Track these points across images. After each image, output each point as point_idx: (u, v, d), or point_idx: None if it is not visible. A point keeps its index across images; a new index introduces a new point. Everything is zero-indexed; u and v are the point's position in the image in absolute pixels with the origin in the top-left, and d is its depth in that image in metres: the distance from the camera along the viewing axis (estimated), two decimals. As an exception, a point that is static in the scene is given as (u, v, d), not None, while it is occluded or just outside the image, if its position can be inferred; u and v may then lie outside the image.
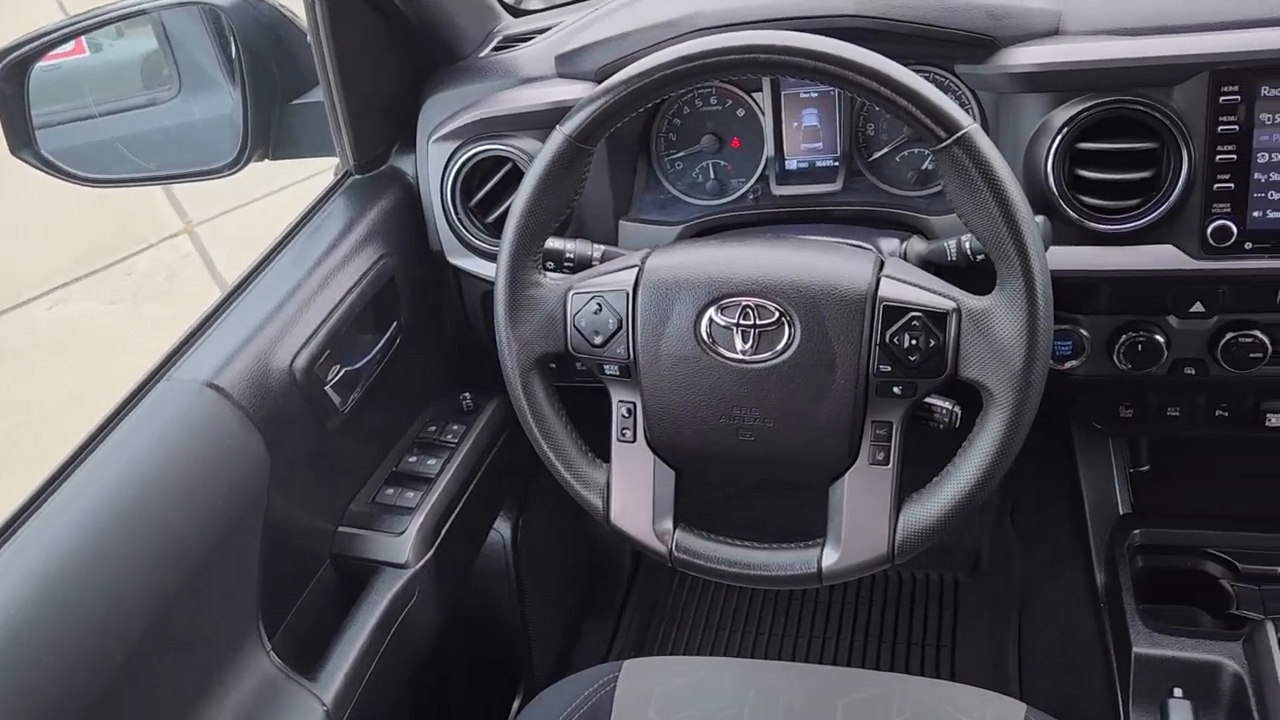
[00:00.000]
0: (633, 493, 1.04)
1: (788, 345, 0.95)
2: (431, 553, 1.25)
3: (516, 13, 1.54)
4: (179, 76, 1.48)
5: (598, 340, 1.01)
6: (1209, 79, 1.00)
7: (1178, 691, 1.15)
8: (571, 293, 1.02)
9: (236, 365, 1.06)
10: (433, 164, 1.30)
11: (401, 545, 1.23)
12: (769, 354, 0.95)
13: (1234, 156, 1.01)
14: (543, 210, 1.01)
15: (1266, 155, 1.00)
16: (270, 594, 1.09)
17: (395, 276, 1.29)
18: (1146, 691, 1.19)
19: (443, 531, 1.28)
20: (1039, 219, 0.97)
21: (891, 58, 0.90)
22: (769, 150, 1.27)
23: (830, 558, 0.98)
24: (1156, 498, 1.51)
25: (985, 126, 1.17)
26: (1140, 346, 1.15)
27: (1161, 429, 1.29)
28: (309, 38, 1.21)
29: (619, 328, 1.00)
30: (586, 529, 1.88)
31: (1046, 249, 0.99)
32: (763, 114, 1.27)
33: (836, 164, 1.26)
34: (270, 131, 1.39)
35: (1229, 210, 1.03)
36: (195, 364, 1.06)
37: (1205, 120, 1.01)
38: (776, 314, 0.95)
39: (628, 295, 1.00)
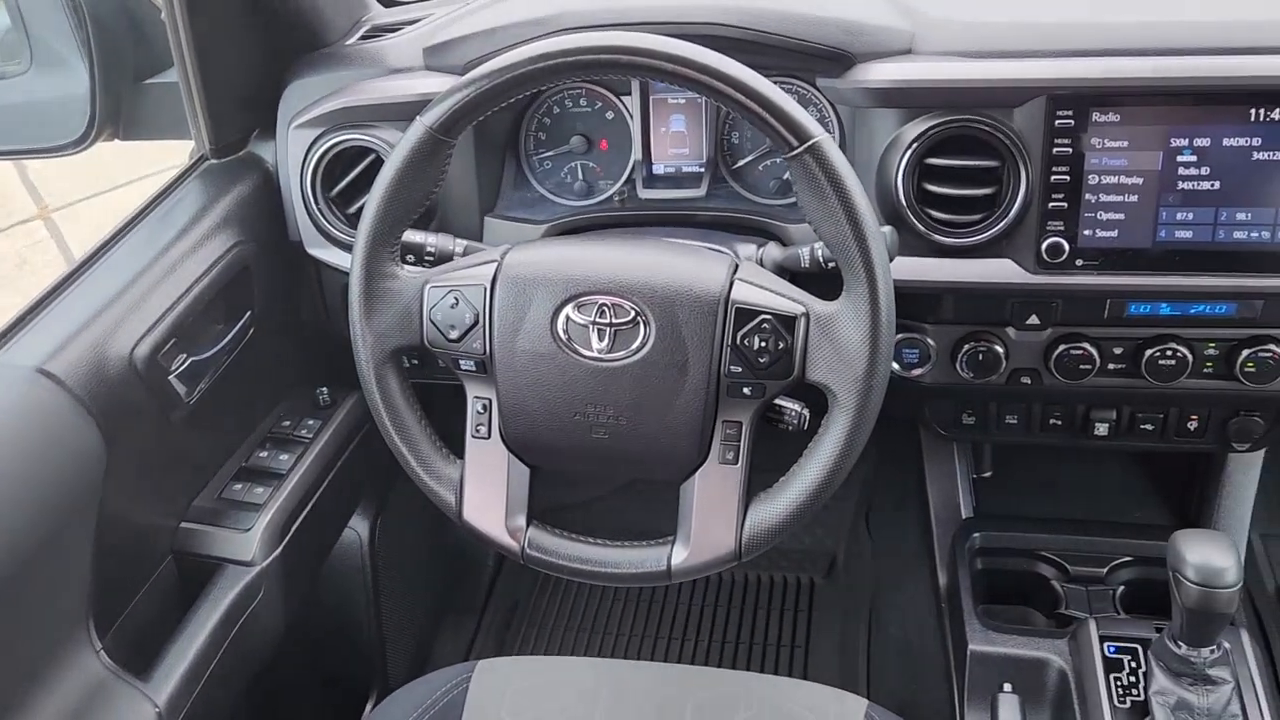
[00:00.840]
0: (486, 489, 1.03)
1: (642, 344, 0.96)
2: (279, 550, 1.22)
3: (388, 2, 1.52)
4: (30, 51, 1.41)
5: (454, 335, 1.00)
6: (1046, 103, 1.05)
7: (1007, 686, 1.20)
8: (428, 286, 1.01)
9: (71, 351, 1.01)
10: (292, 151, 1.27)
11: (247, 542, 1.19)
12: (624, 353, 0.96)
13: (1067, 177, 1.07)
14: (400, 201, 1.00)
15: (1096, 177, 1.06)
16: (103, 591, 1.04)
17: (250, 265, 1.25)
18: (980, 687, 1.24)
19: (292, 529, 1.25)
20: (886, 230, 1.01)
21: (755, 68, 0.92)
22: (636, 154, 1.28)
23: (679, 555, 1.00)
24: (998, 502, 1.59)
25: (843, 139, 1.21)
26: (981, 356, 1.21)
27: (1000, 436, 1.35)
28: (163, 14, 1.17)
29: (475, 323, 0.99)
30: (449, 528, 1.86)
31: (893, 259, 1.03)
32: (631, 118, 1.28)
33: (702, 170, 1.28)
34: (120, 110, 1.34)
35: (1062, 228, 1.08)
36: (26, 349, 1.01)
37: (1042, 142, 1.06)
38: (632, 313, 0.96)
39: (485, 290, 0.99)
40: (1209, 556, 1.02)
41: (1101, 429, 1.30)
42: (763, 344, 0.94)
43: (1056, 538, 1.43)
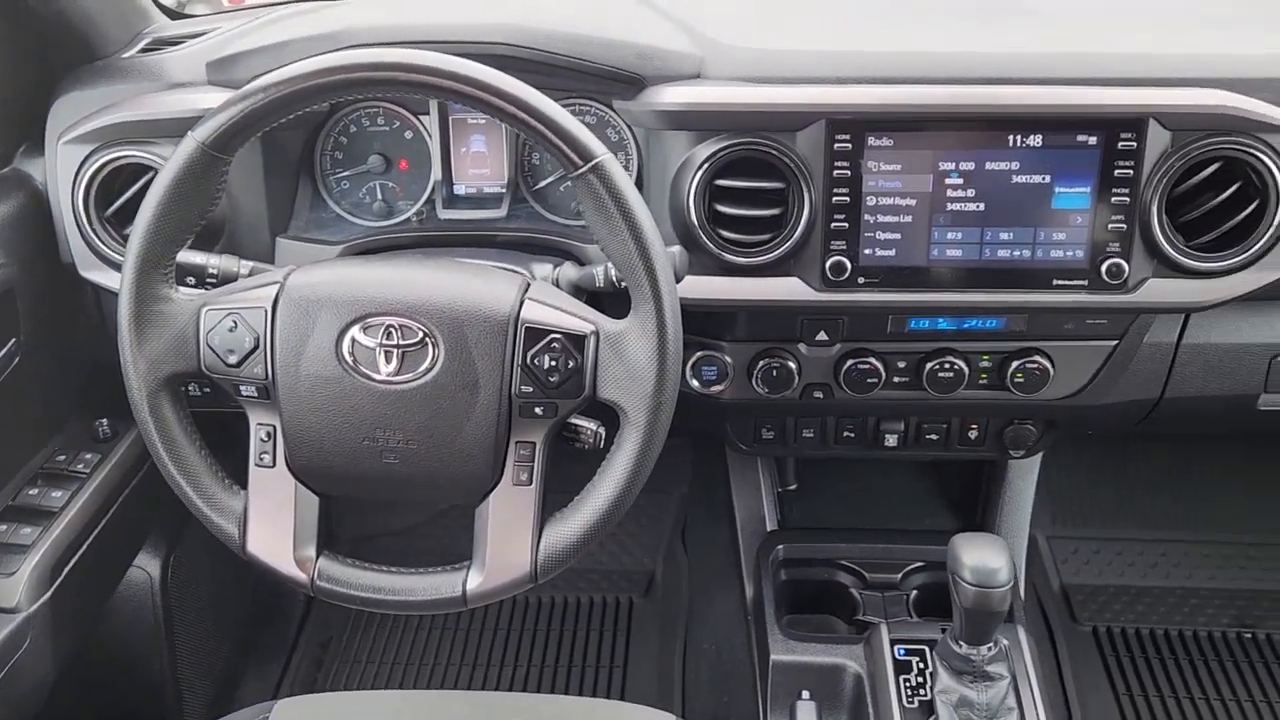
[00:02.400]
0: (272, 520, 0.99)
1: (431, 366, 0.94)
2: (49, 595, 1.13)
3: (175, 15, 1.46)
4: None
5: (233, 360, 0.96)
6: (825, 127, 1.09)
7: (805, 694, 1.23)
8: (205, 309, 0.96)
9: None
10: (62, 168, 1.19)
11: (11, 587, 1.10)
12: (413, 375, 0.94)
13: (847, 199, 1.11)
14: (172, 221, 0.95)
15: (874, 199, 1.12)
16: None
17: (15, 289, 1.17)
18: (781, 696, 1.27)
19: (65, 570, 1.16)
20: (675, 249, 1.03)
21: (550, 90, 0.92)
22: (436, 174, 1.27)
23: (475, 580, 0.98)
24: (803, 514, 1.64)
25: (641, 161, 1.23)
26: (775, 372, 1.24)
27: (799, 449, 1.40)
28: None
29: (256, 347, 0.95)
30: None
31: (682, 278, 1.05)
32: (430, 137, 1.27)
33: (503, 191, 1.28)
34: None
35: (844, 247, 1.13)
36: None
37: (823, 164, 1.11)
38: (421, 334, 0.94)
39: (266, 313, 0.95)
40: (983, 559, 1.07)
41: (891, 440, 1.36)
42: (553, 363, 0.94)
43: (855, 546, 1.48)
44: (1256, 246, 1.08)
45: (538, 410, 0.96)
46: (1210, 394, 1.27)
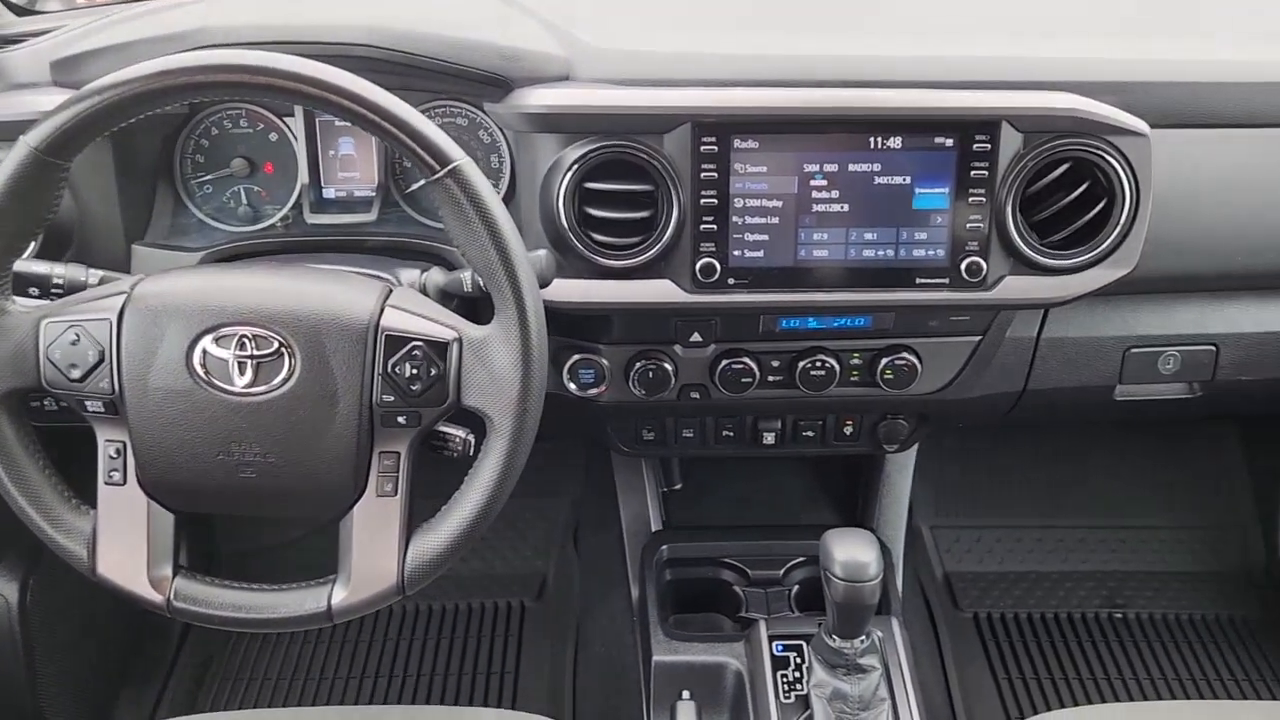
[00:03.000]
0: (123, 540, 0.95)
1: (288, 377, 0.92)
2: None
3: (22, 11, 1.39)
4: None
5: (76, 374, 0.92)
6: (692, 130, 1.10)
7: (686, 694, 1.24)
8: (45, 321, 0.92)
9: None
10: None
11: None
12: (268, 386, 0.92)
13: (715, 201, 1.12)
14: (6, 230, 0.90)
15: (741, 201, 1.12)
16: None
17: None
18: (664, 697, 1.27)
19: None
20: (540, 253, 1.02)
21: (419, 92, 0.90)
22: (303, 178, 1.24)
23: (340, 595, 0.96)
24: (688, 513, 1.65)
25: (513, 164, 1.21)
26: (651, 374, 1.24)
27: (680, 449, 1.41)
28: None
29: (101, 360, 0.91)
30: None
31: (549, 282, 1.04)
32: (296, 140, 1.23)
33: (373, 194, 1.25)
34: None
35: (714, 249, 1.13)
36: None
37: (691, 167, 1.11)
38: (276, 344, 0.92)
39: (111, 324, 0.92)
40: (853, 554, 1.09)
41: (769, 438, 1.38)
42: (415, 371, 0.92)
43: (738, 544, 1.49)
44: (1105, 244, 1.12)
45: (400, 419, 0.94)
46: (1069, 385, 1.31)
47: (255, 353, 0.91)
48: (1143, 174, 1.10)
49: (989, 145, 1.10)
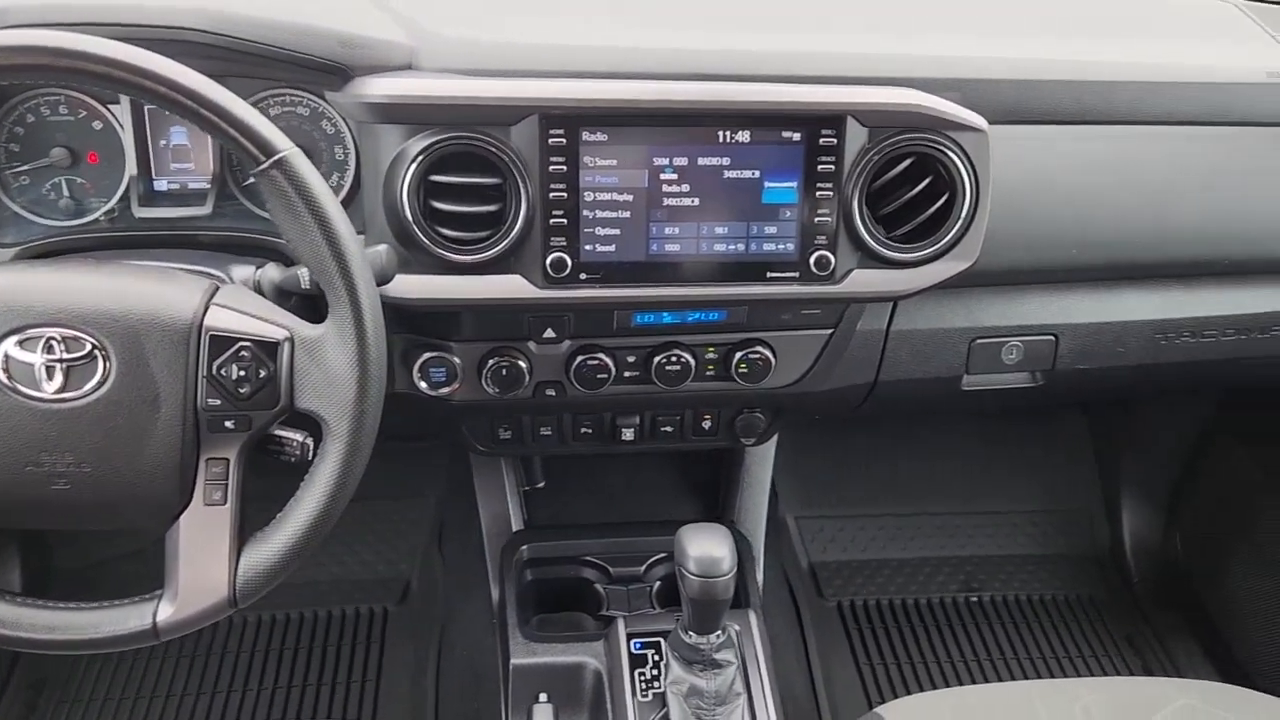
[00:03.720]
0: None
1: (103, 381, 0.86)
2: None
3: None
4: None
5: None
6: (539, 121, 1.08)
7: (543, 696, 1.22)
8: None
9: None
10: None
11: None
12: (81, 392, 0.86)
13: (565, 194, 1.10)
14: None
15: (591, 195, 1.10)
16: None
17: None
18: (521, 700, 1.25)
19: None
20: (380, 248, 0.98)
21: (257, 80, 0.85)
22: (131, 169, 1.17)
23: (166, 610, 0.91)
24: (550, 512, 1.62)
25: (358, 156, 1.17)
26: (505, 371, 1.22)
27: (538, 448, 1.38)
28: None
29: None
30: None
31: (390, 277, 1.00)
32: (122, 129, 1.16)
33: (208, 186, 1.19)
34: None
35: (564, 244, 1.11)
36: None
37: (539, 160, 1.09)
38: (89, 347, 0.86)
39: None
40: (706, 549, 1.09)
41: (628, 434, 1.36)
42: (242, 373, 0.88)
43: (600, 541, 1.48)
44: (947, 238, 1.14)
45: (228, 424, 0.89)
46: (919, 376, 1.34)
47: (65, 356, 0.85)
48: (982, 169, 1.12)
49: (835, 140, 1.11)
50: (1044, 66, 1.22)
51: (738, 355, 1.25)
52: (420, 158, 1.07)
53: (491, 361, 1.22)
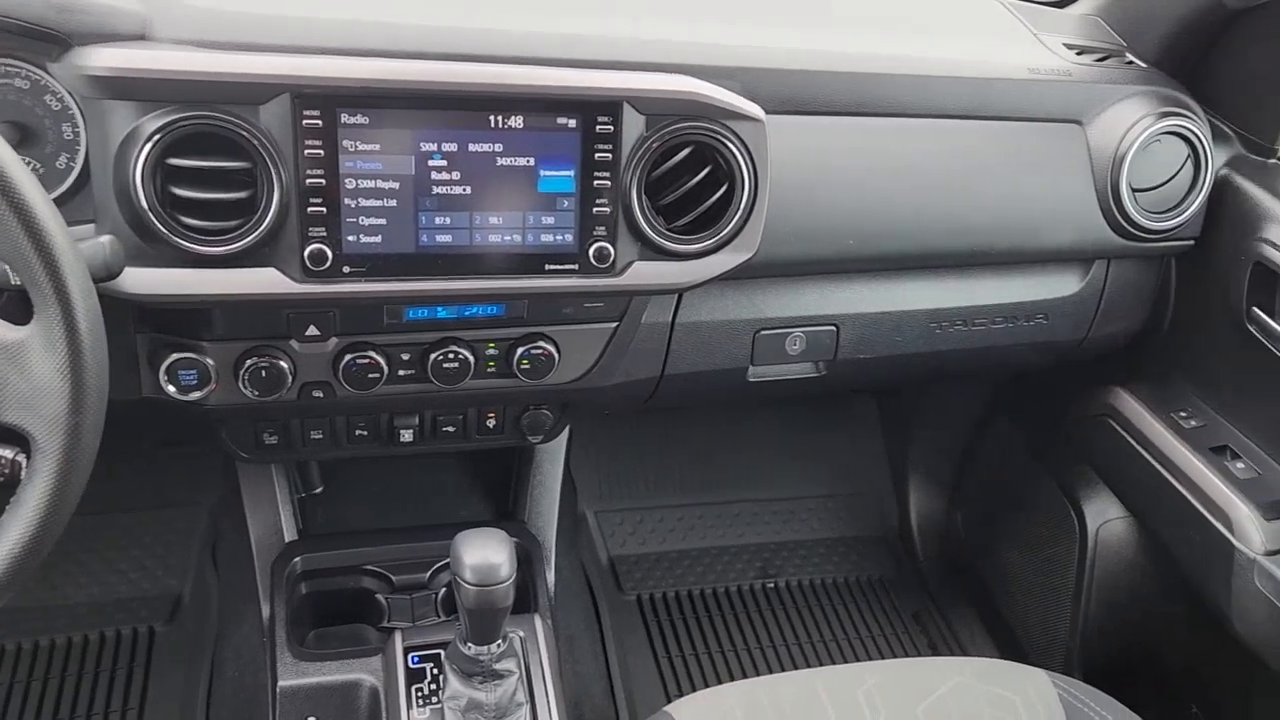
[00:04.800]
0: None
1: None
2: None
3: None
4: None
5: None
6: (291, 101, 0.99)
7: (312, 719, 1.14)
8: None
9: None
10: None
11: None
12: None
13: (323, 181, 1.01)
14: None
15: (353, 181, 1.03)
16: None
17: None
18: None
19: None
20: (104, 239, 0.88)
21: None
22: None
23: None
24: (330, 518, 1.53)
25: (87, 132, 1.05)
26: (265, 372, 1.12)
27: (309, 452, 1.29)
28: None
29: None
30: None
31: (117, 272, 0.90)
32: None
33: None
34: None
35: (324, 234, 1.03)
36: None
37: (293, 142, 1.00)
38: None
39: None
40: (483, 556, 1.03)
41: (407, 435, 1.29)
42: None
43: (381, 548, 1.40)
44: (727, 229, 1.12)
45: (-84, 442, 0.77)
46: (705, 369, 1.32)
47: None
48: (760, 159, 1.11)
49: (611, 127, 1.07)
50: (821, 58, 1.22)
51: (519, 351, 1.20)
52: (155, 138, 0.97)
53: (249, 362, 1.12)
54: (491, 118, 1.05)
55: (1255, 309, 1.29)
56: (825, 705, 1.12)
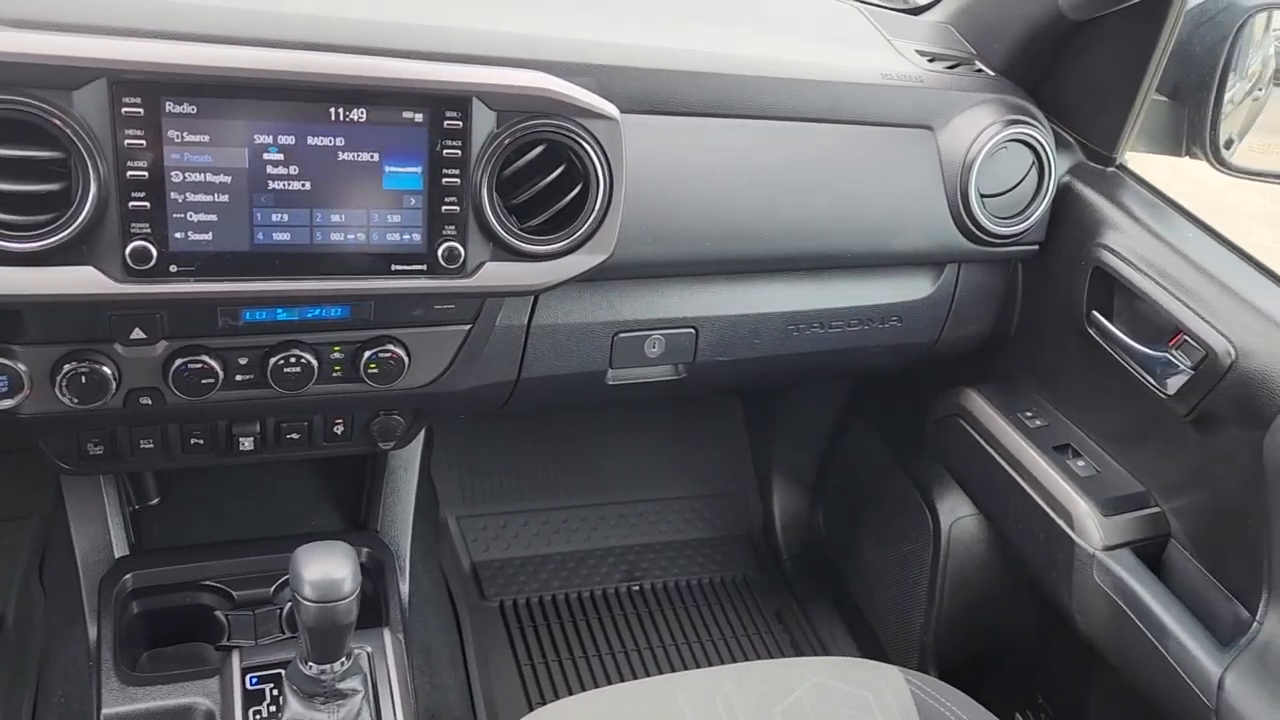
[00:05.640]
0: None
1: None
2: None
3: None
4: None
5: None
6: (109, 88, 0.92)
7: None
8: None
9: None
10: None
11: None
12: None
13: (146, 174, 0.95)
14: None
15: (180, 175, 0.96)
16: None
17: None
18: None
19: None
20: None
21: None
22: None
23: None
24: (168, 531, 1.44)
25: None
26: (85, 378, 1.05)
27: (139, 463, 1.21)
28: None
29: None
30: None
31: None
32: None
33: None
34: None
35: (148, 231, 0.96)
36: None
37: (112, 132, 0.93)
38: None
39: None
40: (324, 570, 0.98)
41: (247, 443, 1.22)
42: None
43: (224, 562, 1.33)
44: (582, 230, 1.10)
45: None
46: (563, 372, 1.30)
47: None
48: (615, 158, 1.09)
49: (461, 123, 1.03)
50: (678, 57, 1.21)
51: (367, 354, 1.15)
52: None
53: (67, 367, 1.04)
54: (332, 110, 1.00)
55: (1094, 312, 1.34)
56: (684, 711, 1.11)
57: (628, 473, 2.11)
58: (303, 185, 1.01)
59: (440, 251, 1.06)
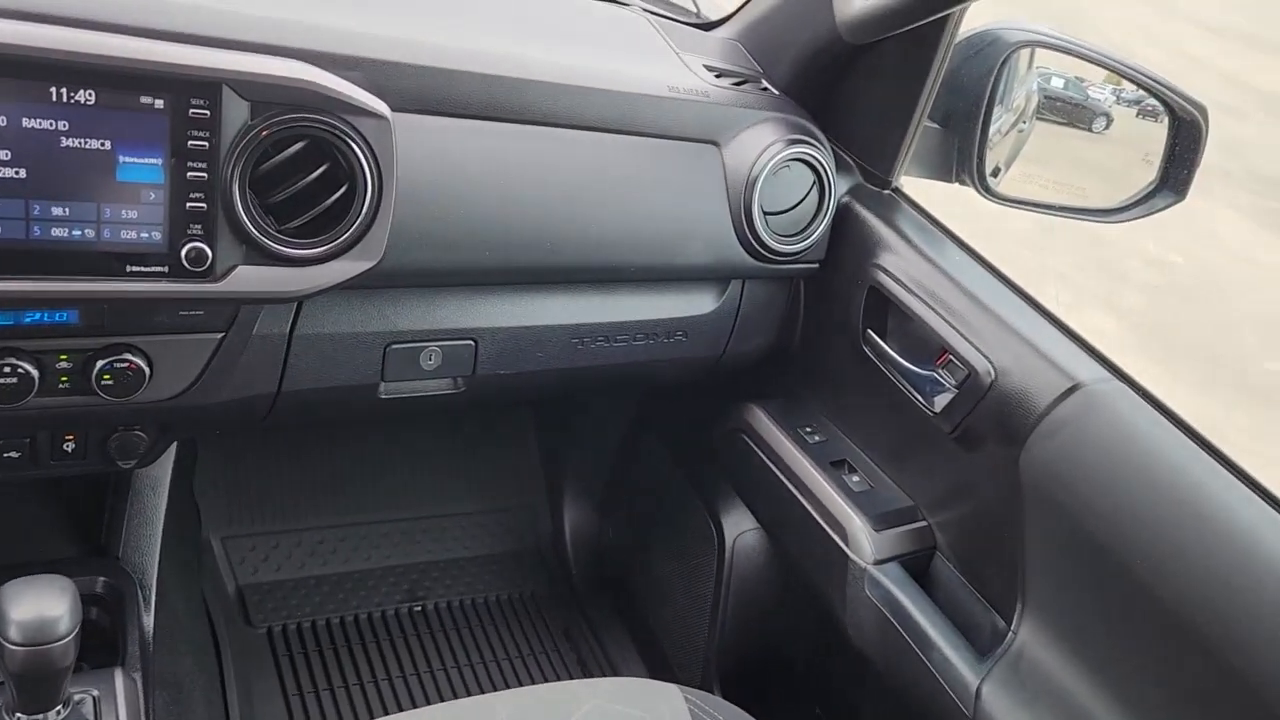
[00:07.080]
0: None
1: None
2: None
3: None
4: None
5: None
6: None
7: None
8: None
9: None
10: None
11: None
12: None
13: None
14: None
15: None
16: None
17: None
18: None
19: None
20: None
21: None
22: None
23: None
24: None
25: None
26: None
27: None
28: None
29: None
30: None
31: None
32: None
33: None
34: None
35: None
36: None
37: None
38: None
39: None
40: (34, 609, 0.87)
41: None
42: None
43: None
44: (348, 234, 1.02)
45: None
46: (329, 385, 1.21)
47: None
48: (385, 159, 1.02)
49: (208, 112, 0.94)
50: (455, 55, 1.15)
51: (100, 364, 1.03)
52: None
53: None
54: (53, 89, 0.89)
55: (869, 331, 1.37)
56: (455, 743, 1.05)
57: (411, 486, 2.02)
58: (16, 173, 0.90)
59: (184, 252, 0.97)
